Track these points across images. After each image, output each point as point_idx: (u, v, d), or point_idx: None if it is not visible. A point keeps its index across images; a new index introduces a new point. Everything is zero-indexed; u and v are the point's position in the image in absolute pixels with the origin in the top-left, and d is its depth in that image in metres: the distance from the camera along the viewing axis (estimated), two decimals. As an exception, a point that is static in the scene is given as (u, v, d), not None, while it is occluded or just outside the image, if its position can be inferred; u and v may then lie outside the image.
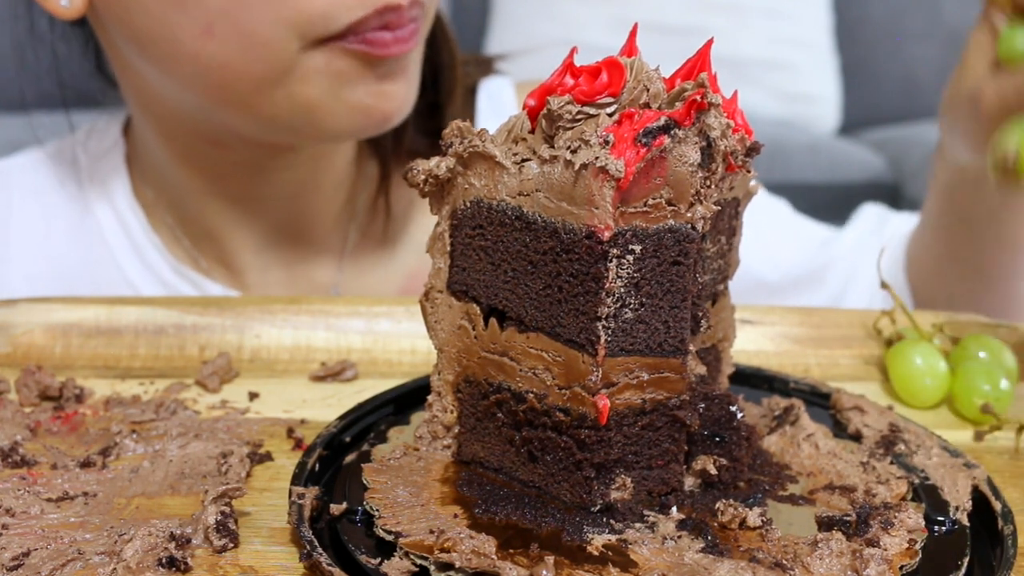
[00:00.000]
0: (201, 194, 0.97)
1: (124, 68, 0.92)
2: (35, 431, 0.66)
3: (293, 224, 0.99)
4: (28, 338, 0.77)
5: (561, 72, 0.53)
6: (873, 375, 0.76)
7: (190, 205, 0.99)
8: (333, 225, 1.01)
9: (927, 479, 0.59)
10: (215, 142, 0.92)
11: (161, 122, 0.94)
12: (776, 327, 0.80)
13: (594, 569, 0.50)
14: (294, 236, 1.00)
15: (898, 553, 0.52)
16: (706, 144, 0.52)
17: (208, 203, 0.97)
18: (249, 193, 0.97)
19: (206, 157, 0.94)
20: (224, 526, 0.54)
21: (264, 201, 0.97)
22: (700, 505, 0.56)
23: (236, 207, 0.97)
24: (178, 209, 1.00)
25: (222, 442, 0.64)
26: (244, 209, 0.97)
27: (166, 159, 0.97)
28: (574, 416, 0.54)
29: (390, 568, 0.51)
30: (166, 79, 0.87)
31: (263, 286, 1.00)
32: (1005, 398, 0.68)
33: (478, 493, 0.56)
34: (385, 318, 0.79)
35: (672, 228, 0.53)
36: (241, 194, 0.97)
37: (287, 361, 0.76)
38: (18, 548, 0.53)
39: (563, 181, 0.51)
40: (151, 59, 0.86)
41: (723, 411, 0.59)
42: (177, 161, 0.96)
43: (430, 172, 0.57)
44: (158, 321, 0.78)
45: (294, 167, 0.95)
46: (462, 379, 0.59)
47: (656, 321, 0.54)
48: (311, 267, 1.01)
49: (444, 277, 0.59)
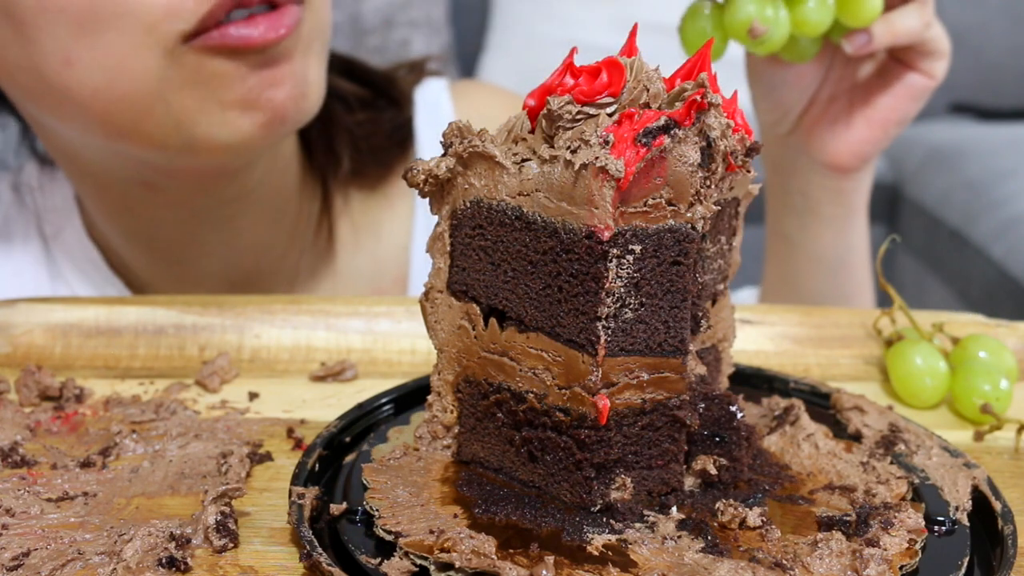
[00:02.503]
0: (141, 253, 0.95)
1: (37, 128, 0.91)
2: (35, 431, 0.66)
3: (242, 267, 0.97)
4: (28, 338, 0.77)
5: (561, 72, 0.53)
6: (873, 375, 0.76)
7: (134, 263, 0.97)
8: (281, 261, 0.99)
9: (927, 479, 0.59)
10: (145, 184, 0.89)
11: (86, 178, 0.92)
12: (776, 327, 0.80)
13: (594, 569, 0.50)
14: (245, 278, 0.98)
15: (898, 553, 0.52)
16: (706, 144, 0.52)
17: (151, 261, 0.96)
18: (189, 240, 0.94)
19: (142, 206, 0.92)
20: (224, 526, 0.54)
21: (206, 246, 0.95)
22: (700, 505, 0.56)
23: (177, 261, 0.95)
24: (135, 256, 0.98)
25: (222, 442, 0.64)
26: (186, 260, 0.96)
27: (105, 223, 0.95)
28: (574, 416, 0.54)
29: (390, 568, 0.51)
30: (63, 125, 0.85)
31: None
32: (1005, 398, 0.68)
33: (478, 493, 0.56)
34: (385, 318, 0.79)
35: (672, 228, 0.53)
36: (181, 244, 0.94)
37: (287, 361, 0.76)
38: (18, 548, 0.53)
39: (563, 181, 0.51)
40: (41, 108, 0.84)
41: (723, 411, 0.59)
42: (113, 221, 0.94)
43: (430, 172, 0.57)
44: (158, 321, 0.78)
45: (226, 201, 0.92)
46: (462, 379, 0.59)
47: (656, 321, 0.54)
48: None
49: (444, 277, 0.59)
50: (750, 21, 0.78)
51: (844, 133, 0.91)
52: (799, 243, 0.98)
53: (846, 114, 0.90)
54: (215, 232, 0.95)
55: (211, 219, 0.94)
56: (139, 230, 0.95)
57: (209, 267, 0.97)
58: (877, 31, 0.82)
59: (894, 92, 0.89)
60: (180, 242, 0.95)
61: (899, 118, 0.90)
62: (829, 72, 0.90)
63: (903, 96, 0.89)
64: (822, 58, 0.88)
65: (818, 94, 0.91)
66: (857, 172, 0.93)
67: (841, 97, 0.91)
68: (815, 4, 0.79)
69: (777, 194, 0.99)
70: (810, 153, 0.92)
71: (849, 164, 0.92)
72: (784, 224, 0.99)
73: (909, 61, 0.88)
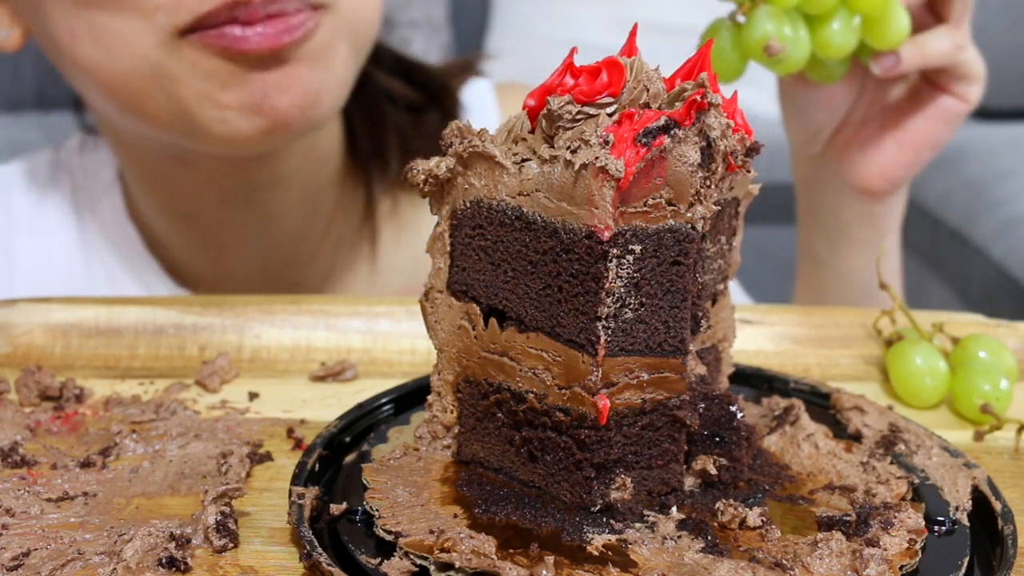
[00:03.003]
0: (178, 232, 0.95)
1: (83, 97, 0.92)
2: (35, 431, 0.66)
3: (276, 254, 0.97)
4: (28, 338, 0.77)
5: (561, 72, 0.53)
6: (873, 375, 0.76)
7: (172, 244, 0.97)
8: (316, 252, 0.99)
9: (927, 479, 0.59)
10: (179, 159, 0.89)
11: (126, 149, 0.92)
12: (776, 327, 0.80)
13: (594, 569, 0.50)
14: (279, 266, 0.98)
15: (898, 553, 0.52)
16: (706, 144, 0.52)
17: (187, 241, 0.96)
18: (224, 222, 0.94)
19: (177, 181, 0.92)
20: (224, 526, 0.54)
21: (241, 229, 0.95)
22: (700, 505, 0.56)
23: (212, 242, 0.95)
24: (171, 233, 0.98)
25: (222, 442, 0.64)
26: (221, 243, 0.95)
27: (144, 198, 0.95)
28: (574, 416, 0.54)
29: (390, 568, 0.51)
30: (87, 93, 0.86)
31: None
32: (1005, 398, 0.68)
33: (478, 493, 0.56)
34: (385, 318, 0.79)
35: (672, 228, 0.53)
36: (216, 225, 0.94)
37: (287, 361, 0.76)
38: (18, 548, 0.53)
39: (563, 181, 0.51)
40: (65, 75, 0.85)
41: (723, 411, 0.59)
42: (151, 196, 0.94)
43: (430, 172, 0.57)
44: (158, 321, 0.78)
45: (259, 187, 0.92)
46: (462, 379, 0.59)
47: (656, 321, 0.54)
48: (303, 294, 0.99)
49: (444, 277, 0.59)
50: (766, 39, 0.77)
51: (875, 156, 0.89)
52: (829, 264, 0.97)
53: (877, 137, 0.89)
54: (249, 215, 0.94)
55: (245, 202, 0.93)
56: (176, 207, 0.95)
57: (244, 252, 0.97)
58: (906, 53, 0.81)
59: (926, 115, 0.87)
60: (215, 223, 0.95)
61: (932, 142, 0.88)
62: (861, 94, 0.89)
63: (936, 119, 0.87)
64: (853, 79, 0.87)
65: (849, 116, 0.89)
66: (888, 196, 0.91)
67: (873, 119, 0.89)
68: (839, 26, 0.78)
69: (807, 215, 0.98)
70: (840, 175, 0.91)
71: (879, 187, 0.90)
72: (814, 245, 0.98)
73: (942, 84, 0.86)
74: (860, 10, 0.79)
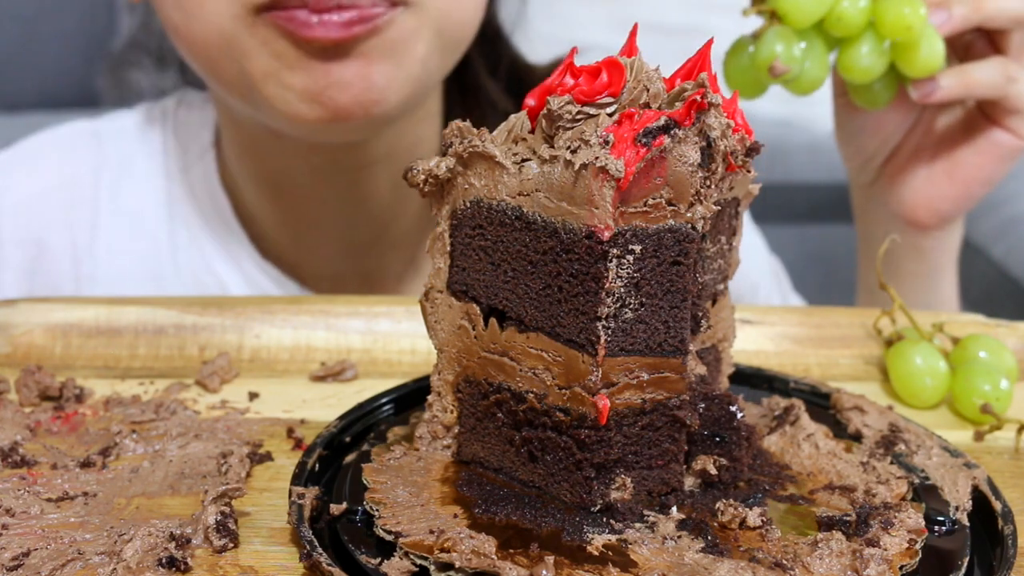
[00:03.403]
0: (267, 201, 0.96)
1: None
2: (35, 431, 0.66)
3: (363, 235, 0.97)
4: (28, 338, 0.77)
5: (561, 72, 0.53)
6: (873, 375, 0.76)
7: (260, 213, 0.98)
8: (403, 237, 0.99)
9: (927, 479, 0.59)
10: (270, 129, 0.89)
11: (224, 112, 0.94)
12: (776, 327, 0.80)
13: (594, 569, 0.50)
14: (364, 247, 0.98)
15: (898, 553, 0.52)
16: (706, 144, 0.52)
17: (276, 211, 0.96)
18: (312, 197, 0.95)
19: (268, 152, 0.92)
20: (224, 526, 0.54)
21: (329, 206, 0.95)
22: (700, 505, 0.56)
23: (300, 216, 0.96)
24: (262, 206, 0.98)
25: (222, 442, 0.64)
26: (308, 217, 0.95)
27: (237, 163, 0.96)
28: (574, 416, 0.54)
29: (390, 568, 0.51)
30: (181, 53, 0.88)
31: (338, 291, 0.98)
32: (1005, 398, 0.68)
33: (478, 493, 0.56)
34: (385, 318, 0.79)
35: (672, 228, 0.53)
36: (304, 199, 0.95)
37: (287, 361, 0.76)
38: (18, 548, 0.53)
39: (563, 181, 0.51)
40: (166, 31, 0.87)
41: (723, 411, 0.59)
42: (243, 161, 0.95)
43: (430, 172, 0.57)
44: (158, 321, 0.78)
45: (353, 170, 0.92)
46: (462, 379, 0.59)
47: (656, 321, 0.54)
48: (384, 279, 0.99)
49: (444, 277, 0.59)
50: (772, 59, 0.76)
51: (924, 188, 0.87)
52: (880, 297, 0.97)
53: (928, 168, 0.87)
54: (337, 193, 0.94)
55: (333, 180, 0.93)
56: (266, 176, 0.95)
57: (330, 228, 0.97)
58: (945, 82, 0.79)
59: (978, 149, 0.85)
60: (303, 196, 0.95)
61: (984, 177, 0.86)
62: (914, 123, 0.87)
63: (988, 154, 0.85)
64: (905, 108, 0.85)
65: (902, 145, 0.88)
66: (936, 230, 0.89)
67: (925, 150, 0.88)
68: (867, 49, 0.77)
69: (863, 245, 0.97)
70: (889, 205, 0.90)
71: (927, 220, 0.88)
72: (867, 276, 0.97)
73: (996, 117, 0.84)
74: (887, 34, 0.77)
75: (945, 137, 0.87)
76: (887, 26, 0.77)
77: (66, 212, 0.99)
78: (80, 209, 0.99)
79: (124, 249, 0.99)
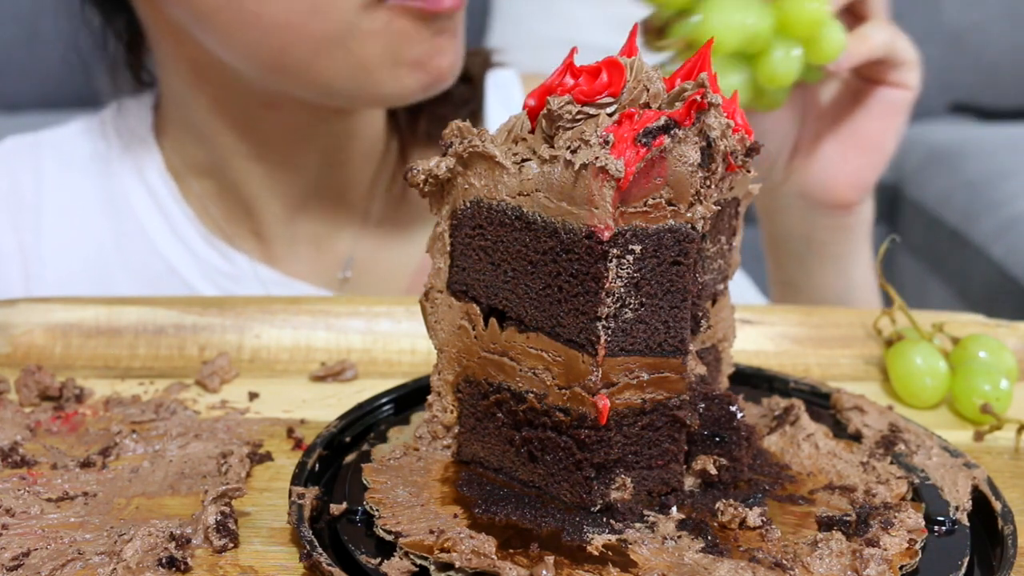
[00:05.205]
0: (244, 159, 1.00)
1: (178, 44, 0.95)
2: (35, 431, 0.66)
3: (324, 192, 1.03)
4: (28, 338, 0.77)
5: (561, 72, 0.53)
6: (873, 375, 0.76)
7: (228, 173, 1.01)
8: (359, 197, 1.05)
9: (927, 479, 0.59)
10: (269, 105, 0.96)
11: (217, 90, 0.97)
12: (776, 327, 0.80)
13: (594, 569, 0.50)
14: (323, 205, 1.03)
15: (898, 553, 0.52)
16: (706, 144, 0.52)
17: (249, 168, 1.01)
18: (289, 158, 1.00)
19: (258, 121, 0.98)
20: (224, 526, 0.54)
21: (301, 168, 1.01)
22: (700, 505, 0.56)
23: (275, 173, 1.01)
24: (213, 179, 1.03)
25: (222, 442, 0.64)
26: (281, 175, 1.01)
27: (214, 127, 0.99)
28: (574, 416, 0.54)
29: (390, 568, 0.51)
30: (225, 48, 0.90)
31: (291, 258, 1.03)
32: (1005, 398, 0.68)
33: (478, 493, 0.56)
34: (385, 318, 0.79)
35: (672, 228, 0.53)
36: (282, 159, 1.00)
37: (287, 361, 0.76)
38: (18, 548, 0.53)
39: (563, 181, 0.51)
40: (212, 29, 0.89)
41: (723, 411, 0.59)
42: (226, 128, 0.99)
43: (430, 172, 0.57)
44: (158, 321, 0.78)
45: (334, 134, 0.99)
46: (462, 379, 0.59)
47: (656, 321, 0.54)
48: (335, 240, 1.05)
49: (444, 277, 0.59)
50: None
51: (840, 166, 0.90)
52: (804, 287, 0.98)
53: (836, 147, 0.90)
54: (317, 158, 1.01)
55: (317, 148, 1.00)
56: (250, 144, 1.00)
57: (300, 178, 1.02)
58: (852, 47, 0.81)
59: (874, 113, 0.88)
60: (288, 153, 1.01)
61: (889, 136, 0.89)
62: (806, 113, 0.90)
63: (885, 114, 0.88)
64: (793, 101, 0.87)
65: (801, 136, 0.90)
66: (859, 204, 0.92)
67: (825, 132, 0.90)
68: (781, 55, 0.77)
69: (774, 245, 0.99)
70: (809, 196, 0.91)
71: (851, 196, 0.91)
72: (786, 272, 0.99)
73: (881, 77, 0.87)
74: (795, 35, 0.78)
75: (839, 114, 0.90)
76: (796, 26, 0.77)
77: (13, 217, 1.04)
78: (24, 214, 1.04)
79: (69, 247, 1.03)
